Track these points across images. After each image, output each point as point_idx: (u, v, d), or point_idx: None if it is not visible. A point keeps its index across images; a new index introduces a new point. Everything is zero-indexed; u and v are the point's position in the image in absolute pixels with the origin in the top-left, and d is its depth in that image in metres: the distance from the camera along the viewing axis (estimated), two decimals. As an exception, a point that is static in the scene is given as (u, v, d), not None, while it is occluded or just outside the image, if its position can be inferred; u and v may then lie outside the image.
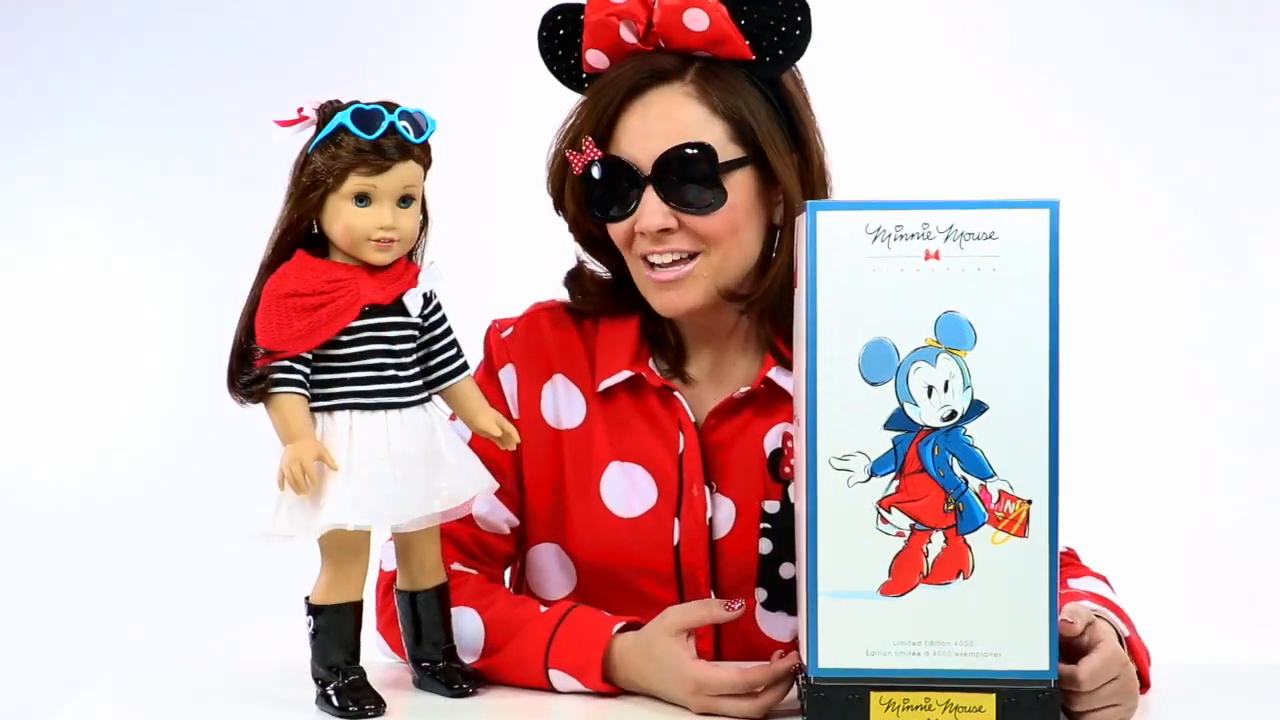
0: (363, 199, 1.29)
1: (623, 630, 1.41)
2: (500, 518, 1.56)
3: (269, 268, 1.31)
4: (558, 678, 1.41)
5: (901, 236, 1.20)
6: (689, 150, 1.46)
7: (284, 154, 1.31)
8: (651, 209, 1.46)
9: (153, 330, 4.07)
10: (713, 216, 1.48)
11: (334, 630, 1.31)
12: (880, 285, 1.20)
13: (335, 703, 1.31)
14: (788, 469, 1.52)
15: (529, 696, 1.41)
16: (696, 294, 1.50)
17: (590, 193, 1.50)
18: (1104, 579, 1.51)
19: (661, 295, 1.51)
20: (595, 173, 1.49)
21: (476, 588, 1.50)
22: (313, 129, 1.29)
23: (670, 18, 1.46)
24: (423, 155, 1.31)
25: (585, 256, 1.61)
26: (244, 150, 2.51)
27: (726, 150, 1.47)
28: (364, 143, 1.27)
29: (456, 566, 1.52)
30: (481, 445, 1.40)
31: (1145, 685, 1.40)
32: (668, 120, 1.47)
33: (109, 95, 4.01)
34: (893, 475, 1.20)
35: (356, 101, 1.29)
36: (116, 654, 3.38)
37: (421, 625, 1.39)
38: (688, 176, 1.47)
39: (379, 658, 1.41)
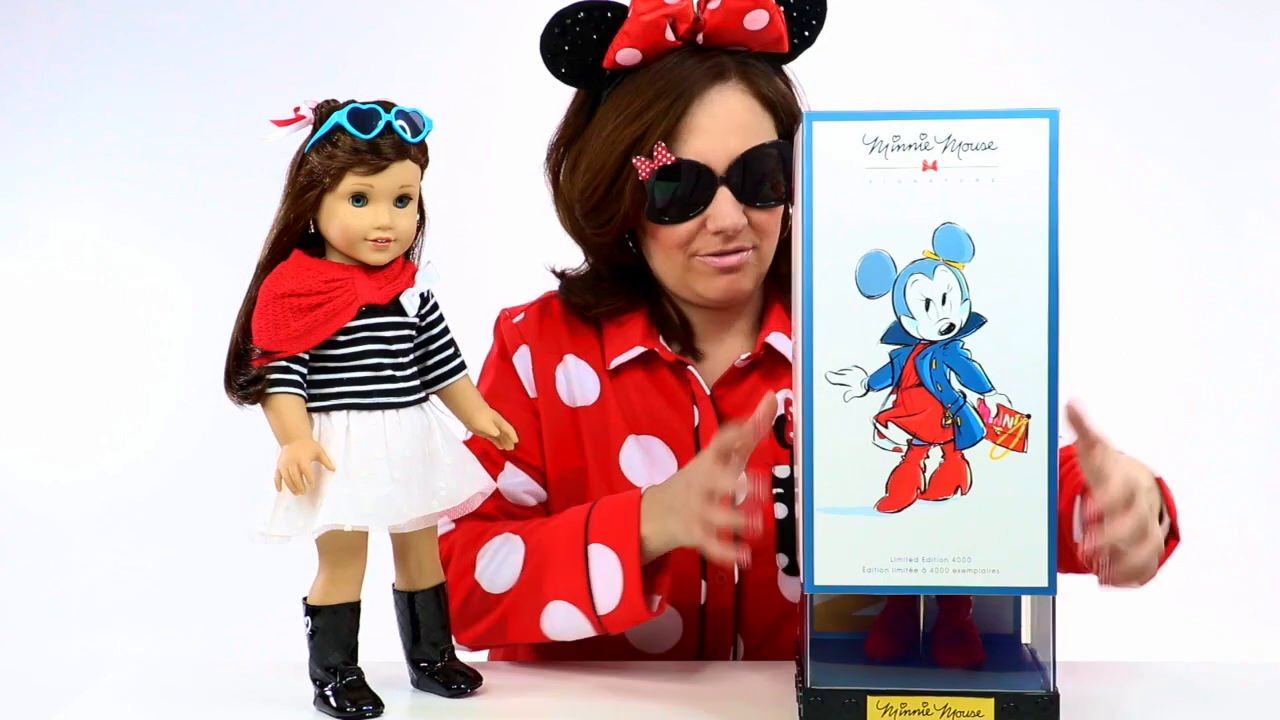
0: (359, 199, 1.28)
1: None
2: (524, 490, 1.59)
3: (266, 268, 1.31)
4: (596, 553, 1.41)
5: (899, 147, 1.17)
6: (764, 149, 1.47)
7: (281, 154, 1.31)
8: (728, 209, 1.47)
9: (152, 332, 4.08)
10: (776, 210, 1.50)
11: (332, 631, 1.31)
12: (877, 197, 1.17)
13: (333, 703, 1.31)
14: (792, 434, 1.54)
15: (528, 697, 1.40)
16: (750, 281, 1.54)
17: (656, 196, 1.48)
18: None
19: (722, 279, 1.52)
20: (665, 177, 1.47)
21: (509, 524, 1.53)
22: (309, 129, 1.29)
23: (731, 19, 1.45)
24: (420, 155, 1.31)
25: (577, 256, 1.60)
26: (241, 151, 2.50)
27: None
28: (360, 142, 1.27)
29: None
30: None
31: (1176, 538, 1.38)
32: (734, 120, 1.46)
33: (107, 97, 4.02)
34: (890, 390, 1.17)
35: (353, 101, 1.29)
36: (117, 653, 3.40)
37: (420, 625, 1.38)
38: (760, 175, 1.48)
39: (377, 658, 1.41)
